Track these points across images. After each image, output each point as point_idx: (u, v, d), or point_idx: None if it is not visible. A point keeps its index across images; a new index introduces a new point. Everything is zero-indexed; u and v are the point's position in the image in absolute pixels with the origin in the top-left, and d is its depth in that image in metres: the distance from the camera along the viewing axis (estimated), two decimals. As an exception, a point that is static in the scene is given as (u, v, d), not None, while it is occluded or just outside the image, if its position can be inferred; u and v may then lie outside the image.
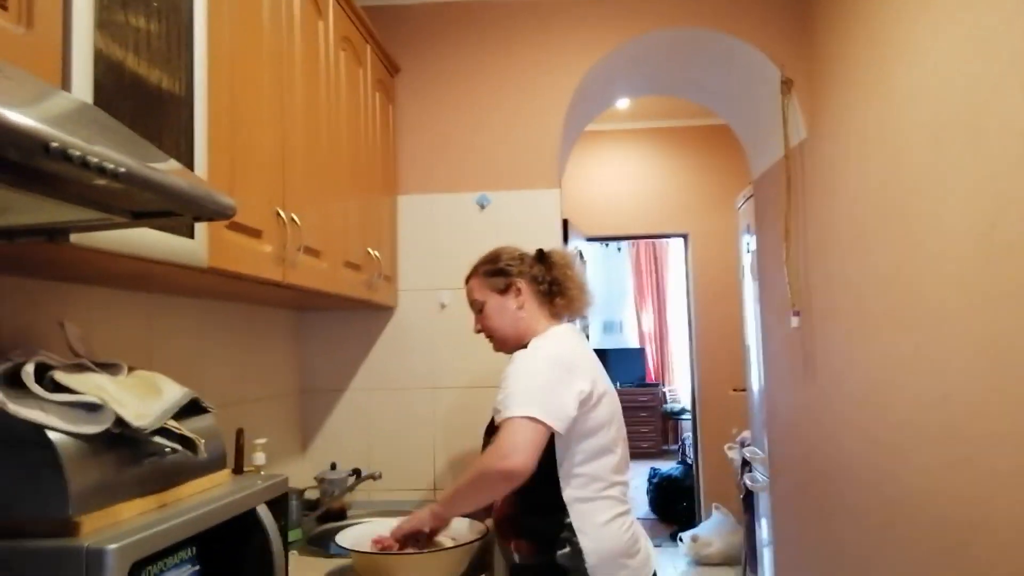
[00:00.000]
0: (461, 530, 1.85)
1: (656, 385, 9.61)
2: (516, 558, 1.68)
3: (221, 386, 2.05)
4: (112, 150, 0.71)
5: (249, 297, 2.02)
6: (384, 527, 1.79)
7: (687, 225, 5.64)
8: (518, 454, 1.52)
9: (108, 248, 1.01)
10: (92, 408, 1.04)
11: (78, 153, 0.63)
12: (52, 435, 0.97)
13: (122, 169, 0.70)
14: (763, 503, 3.45)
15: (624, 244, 9.73)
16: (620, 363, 9.66)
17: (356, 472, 2.43)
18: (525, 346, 1.74)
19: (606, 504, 1.66)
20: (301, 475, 2.49)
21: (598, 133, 5.70)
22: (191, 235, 1.24)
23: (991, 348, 1.50)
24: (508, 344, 1.83)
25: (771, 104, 2.69)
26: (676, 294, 9.31)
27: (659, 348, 10.04)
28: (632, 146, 5.73)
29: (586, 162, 5.72)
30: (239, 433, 1.83)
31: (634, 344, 10.08)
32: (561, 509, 1.63)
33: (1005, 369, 1.45)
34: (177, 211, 0.85)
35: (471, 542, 1.74)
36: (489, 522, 1.88)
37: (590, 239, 5.65)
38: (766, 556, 3.40)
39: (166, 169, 0.87)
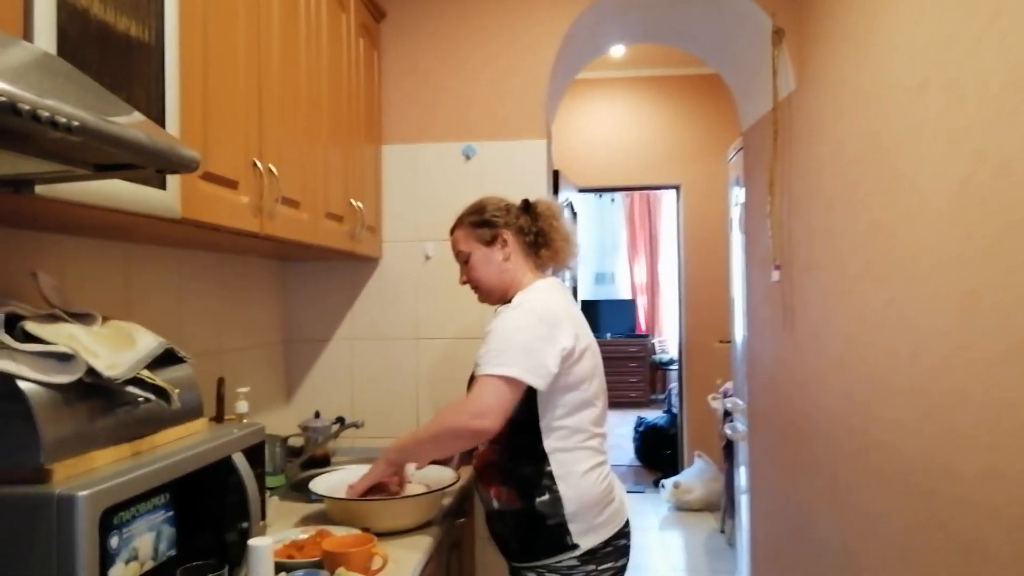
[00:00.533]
0: (434, 476, 1.89)
1: (646, 336, 9.69)
2: (495, 504, 1.73)
3: (203, 336, 2.07)
4: (67, 103, 0.71)
5: (230, 247, 2.02)
6: (358, 474, 1.84)
7: (679, 176, 5.61)
8: (492, 415, 1.57)
9: (75, 199, 1.01)
10: (64, 358, 1.05)
11: (27, 107, 0.63)
12: (23, 385, 0.98)
13: (75, 123, 0.69)
14: (742, 452, 3.53)
15: (617, 195, 9.68)
16: (611, 314, 9.73)
17: (340, 420, 2.47)
18: (510, 299, 1.75)
19: (585, 454, 1.69)
20: (286, 423, 2.53)
21: (590, 81, 5.62)
22: (163, 186, 1.24)
23: (959, 306, 1.52)
24: (493, 295, 1.84)
25: (762, 54, 2.66)
26: (669, 246, 9.30)
27: (650, 299, 10.10)
28: (625, 95, 5.65)
29: (578, 111, 5.66)
30: (219, 382, 1.85)
31: (626, 295, 10.13)
32: (542, 458, 1.66)
33: (972, 328, 1.47)
34: (138, 163, 0.85)
35: (439, 489, 1.78)
36: (461, 470, 1.92)
37: (582, 190, 5.61)
38: (743, 503, 3.49)
39: (128, 122, 0.87)
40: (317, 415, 2.46)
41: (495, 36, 2.64)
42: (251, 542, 1.19)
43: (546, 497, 1.64)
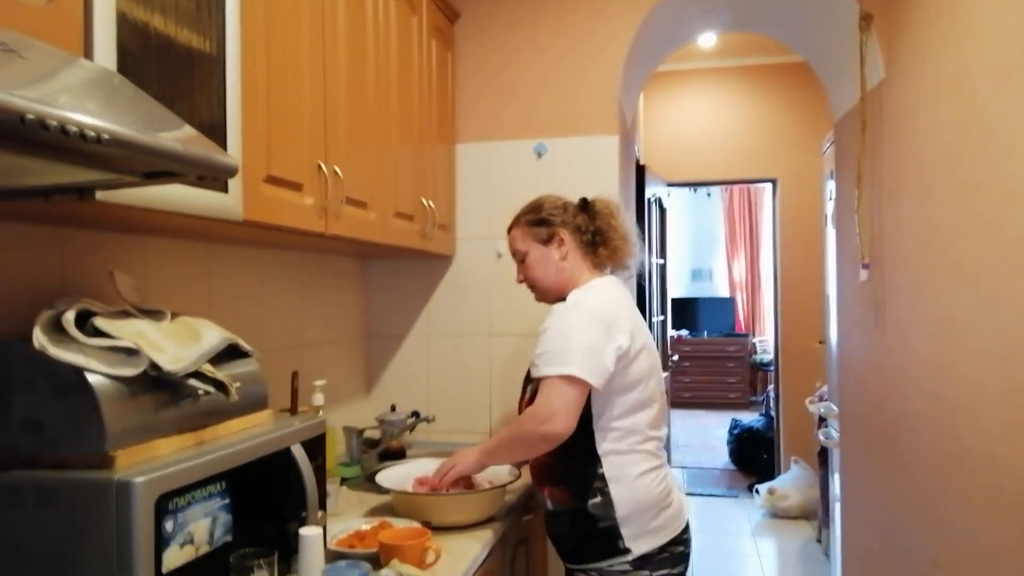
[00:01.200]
0: (496, 472, 1.91)
1: (745, 335, 9.38)
2: (549, 505, 1.73)
3: (283, 331, 2.17)
4: (99, 118, 0.76)
5: (308, 246, 2.11)
6: (425, 468, 1.87)
7: (776, 170, 5.41)
8: (559, 418, 1.57)
9: (135, 204, 1.09)
10: (130, 353, 1.13)
11: (55, 123, 0.68)
12: (91, 377, 1.06)
13: (105, 135, 0.74)
14: (836, 458, 3.37)
15: (715, 189, 9.43)
16: (709, 312, 9.49)
17: (415, 414, 2.53)
18: (565, 298, 1.75)
19: (640, 457, 1.67)
20: (365, 416, 2.61)
21: (680, 73, 5.50)
22: (224, 190, 1.31)
23: (1054, 307, 1.39)
24: (550, 295, 1.83)
25: (850, 41, 2.52)
26: (769, 242, 8.98)
27: (750, 297, 9.77)
28: (717, 86, 5.50)
29: (668, 104, 5.54)
30: (294, 375, 1.93)
31: (724, 293, 9.85)
32: (595, 460, 1.65)
33: (1067, 330, 1.35)
34: (178, 171, 0.90)
35: (498, 487, 1.80)
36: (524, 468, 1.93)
37: (671, 184, 5.51)
38: (836, 512, 3.33)
39: (175, 134, 0.92)
40: (393, 408, 2.53)
41: (567, 31, 2.62)
42: (302, 531, 1.24)
43: (598, 499, 1.63)
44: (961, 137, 1.79)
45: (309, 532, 1.23)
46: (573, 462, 1.67)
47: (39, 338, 1.05)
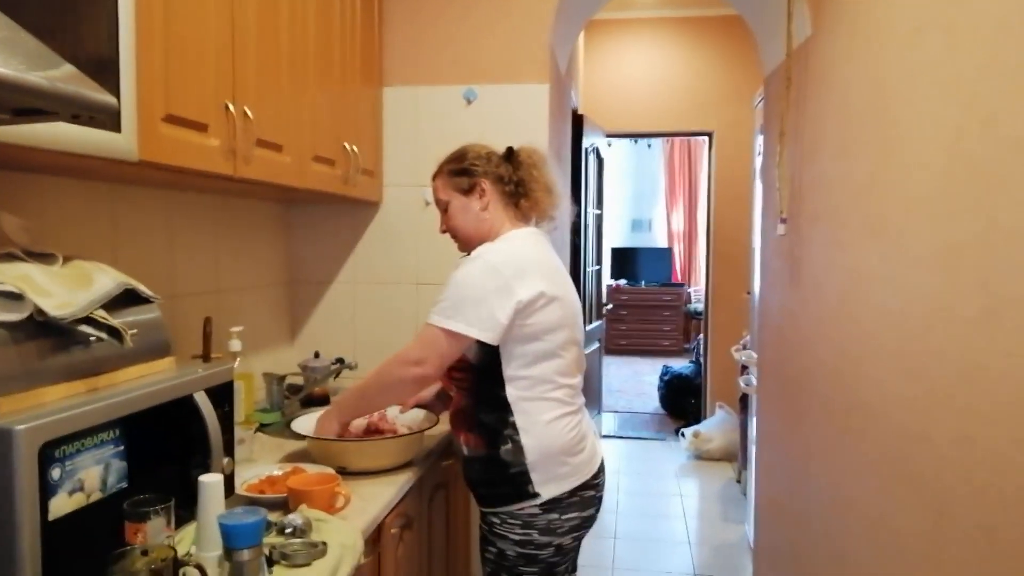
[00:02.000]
0: (414, 418, 1.93)
1: (681, 285, 9.58)
2: (464, 450, 1.75)
3: (197, 276, 2.11)
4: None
5: (220, 189, 2.04)
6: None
7: (712, 123, 5.45)
8: (427, 363, 1.65)
9: (13, 141, 1.03)
10: (12, 296, 1.09)
11: None
12: (-33, 322, 1.02)
13: (-45, 68, 0.70)
14: (754, 404, 3.51)
15: (656, 141, 9.47)
16: (647, 262, 9.64)
17: (339, 361, 2.52)
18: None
19: (550, 404, 1.69)
20: (289, 363, 2.59)
21: (619, 21, 5.45)
22: (117, 129, 1.25)
23: (944, 264, 1.45)
24: (471, 244, 1.81)
25: (780, -4, 2.53)
26: (706, 195, 9.11)
27: (687, 248, 9.95)
28: (656, 36, 5.47)
29: (607, 53, 5.50)
30: (206, 321, 1.89)
31: (663, 244, 10.00)
32: (506, 407, 1.67)
33: (953, 287, 1.41)
34: (48, 109, 0.85)
35: (413, 433, 1.82)
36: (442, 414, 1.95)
37: (610, 135, 5.51)
38: (752, 455, 3.48)
39: (48, 72, 0.87)
40: (316, 355, 2.51)
41: (499, -26, 2.56)
42: (201, 477, 1.23)
43: (508, 446, 1.66)
44: (875, 95, 1.83)
45: (208, 479, 1.23)
46: (486, 408, 1.69)
47: (-92, 281, 1.00)
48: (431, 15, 2.59)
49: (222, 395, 1.45)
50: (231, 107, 1.59)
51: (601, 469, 1.80)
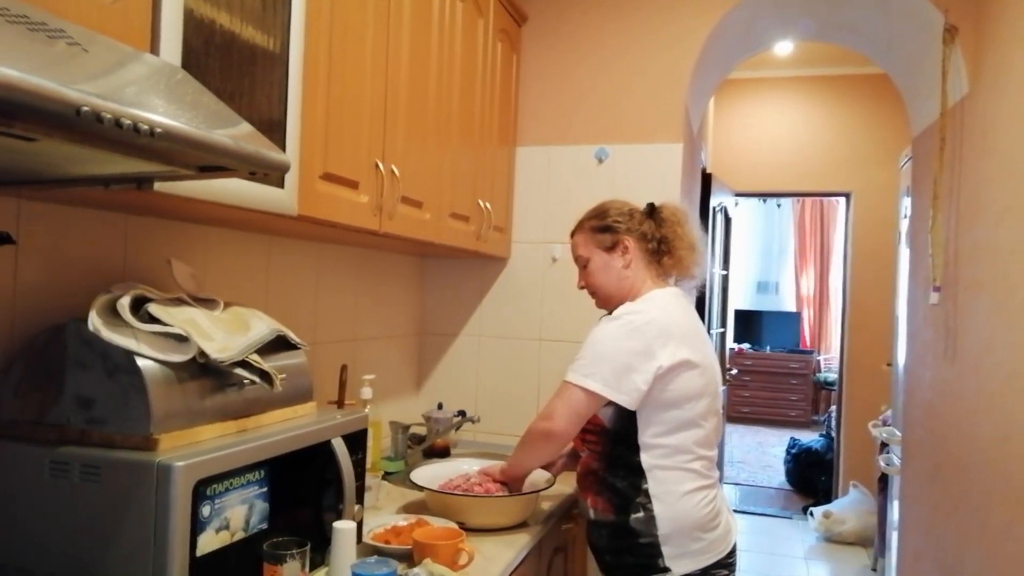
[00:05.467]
0: (533, 479, 1.90)
1: (810, 352, 9.10)
2: (591, 514, 1.70)
3: (336, 325, 2.20)
4: (155, 112, 0.79)
5: (363, 243, 2.14)
6: (464, 468, 1.89)
7: (850, 184, 5.23)
8: (557, 418, 1.62)
9: (191, 195, 1.12)
10: (179, 339, 1.17)
11: (109, 116, 0.70)
12: (140, 361, 1.10)
13: (158, 129, 0.76)
14: (896, 486, 3.23)
15: (785, 201, 9.17)
16: (773, 326, 9.25)
17: (461, 413, 2.54)
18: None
19: (687, 475, 1.63)
20: (413, 412, 2.63)
21: (754, 81, 5.37)
22: (280, 185, 1.34)
23: None
24: (612, 302, 1.78)
25: (933, 54, 2.41)
26: (840, 257, 8.69)
27: (817, 313, 9.48)
28: (792, 95, 5.35)
29: (740, 112, 5.42)
30: (342, 369, 1.96)
31: (790, 307, 9.58)
32: (640, 473, 1.62)
33: None
34: (230, 166, 0.92)
35: (530, 492, 1.80)
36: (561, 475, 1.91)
37: (739, 194, 5.39)
38: (893, 541, 3.20)
39: (230, 132, 0.94)
40: (440, 407, 2.54)
41: (636, 35, 2.59)
42: (336, 524, 1.26)
43: (640, 514, 1.60)
44: (1046, 158, 1.69)
45: (343, 526, 1.25)
46: (618, 473, 1.64)
47: (94, 321, 1.09)
48: (566, 75, 2.65)
49: (356, 442, 1.48)
50: (380, 166, 1.67)
51: (735, 549, 1.70)
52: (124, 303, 1.14)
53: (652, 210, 1.82)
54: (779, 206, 9.33)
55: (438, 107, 2.00)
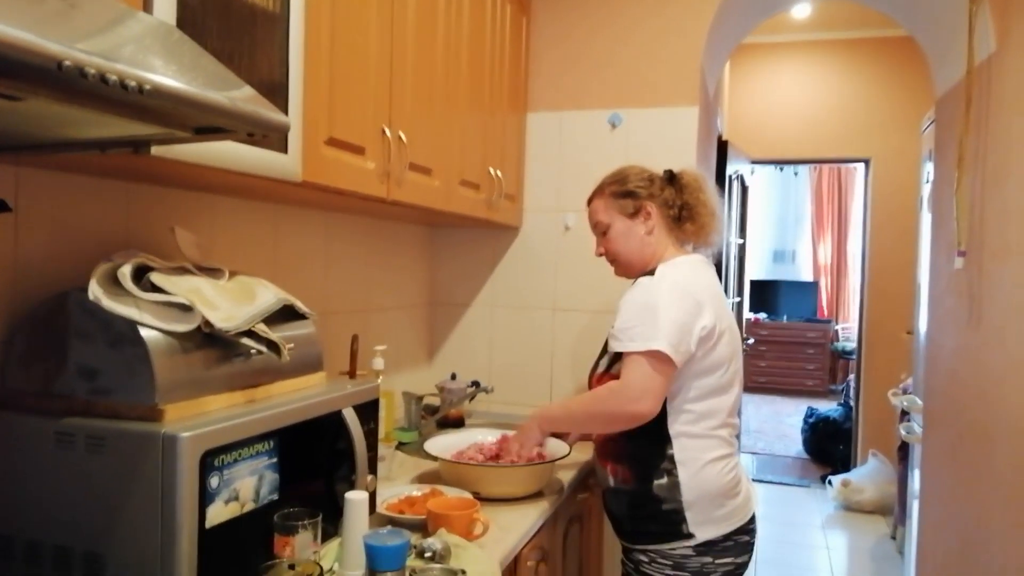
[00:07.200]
0: (549, 448, 1.87)
1: (828, 321, 9.02)
2: (611, 482, 1.68)
3: (347, 295, 2.18)
4: (145, 69, 0.75)
5: (372, 212, 2.10)
6: (478, 438, 1.87)
7: (870, 149, 5.12)
8: (648, 400, 1.52)
9: (190, 160, 1.09)
10: (183, 308, 1.14)
11: (94, 71, 0.67)
12: (143, 331, 1.08)
13: (147, 86, 0.73)
14: (917, 454, 3.19)
15: (802, 168, 9.03)
16: (790, 295, 9.17)
17: (475, 384, 2.52)
18: (650, 272, 1.68)
19: (714, 443, 1.61)
20: (426, 383, 2.62)
21: (771, 45, 5.25)
22: (284, 150, 1.30)
23: None
24: (633, 270, 1.75)
25: (959, 13, 2.32)
26: (859, 225, 8.57)
27: (834, 282, 9.37)
28: (810, 59, 5.22)
29: (757, 77, 5.31)
30: (353, 339, 1.94)
31: (807, 276, 9.48)
32: (666, 440, 1.60)
33: None
34: (227, 127, 0.88)
35: (546, 462, 1.77)
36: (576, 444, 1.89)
37: (756, 162, 5.29)
38: (914, 509, 3.17)
39: (229, 92, 0.90)
40: (453, 377, 2.52)
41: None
42: (348, 495, 1.24)
43: (664, 480, 1.58)
44: (1080, 114, 1.62)
45: (355, 496, 1.23)
46: (642, 440, 1.61)
47: (94, 290, 1.07)
48: (577, 39, 2.58)
49: (368, 412, 1.46)
50: (387, 131, 1.63)
51: (754, 516, 1.68)
52: (125, 271, 1.12)
53: (672, 177, 1.78)
54: (796, 174, 9.19)
55: (446, 71, 1.95)
